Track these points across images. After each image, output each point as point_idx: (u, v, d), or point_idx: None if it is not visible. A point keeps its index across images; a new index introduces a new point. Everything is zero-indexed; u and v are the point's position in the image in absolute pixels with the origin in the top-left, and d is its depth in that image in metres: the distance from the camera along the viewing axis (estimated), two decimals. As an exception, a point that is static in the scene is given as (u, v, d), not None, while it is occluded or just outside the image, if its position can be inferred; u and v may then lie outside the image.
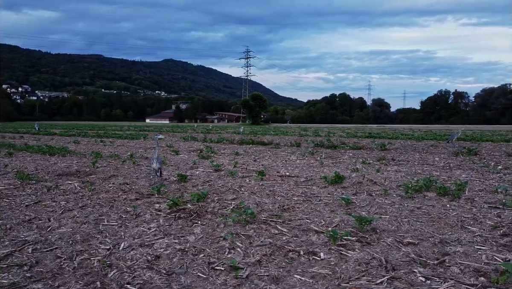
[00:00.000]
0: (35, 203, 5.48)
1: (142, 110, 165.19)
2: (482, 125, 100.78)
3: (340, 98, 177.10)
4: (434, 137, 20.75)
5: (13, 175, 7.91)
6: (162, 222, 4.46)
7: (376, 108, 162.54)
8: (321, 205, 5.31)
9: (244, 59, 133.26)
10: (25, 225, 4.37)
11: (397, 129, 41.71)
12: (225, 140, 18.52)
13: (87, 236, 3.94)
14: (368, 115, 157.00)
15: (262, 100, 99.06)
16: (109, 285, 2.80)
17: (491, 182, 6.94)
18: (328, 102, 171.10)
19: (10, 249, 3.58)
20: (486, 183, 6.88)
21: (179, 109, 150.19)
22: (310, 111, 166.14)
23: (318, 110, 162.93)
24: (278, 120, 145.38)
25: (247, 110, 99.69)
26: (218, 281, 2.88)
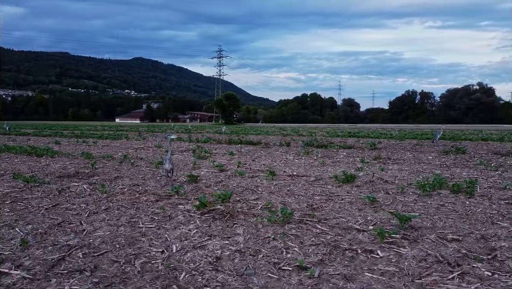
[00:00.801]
0: (53, 206, 5.30)
1: (112, 110, 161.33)
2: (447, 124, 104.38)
3: (311, 98, 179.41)
4: (415, 137, 21.38)
5: (10, 177, 7.62)
6: (200, 223, 4.42)
7: (346, 108, 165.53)
8: (346, 203, 5.39)
9: (217, 58, 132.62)
10: (58, 229, 4.23)
11: (371, 129, 42.61)
12: (212, 140, 18.41)
13: (132, 239, 3.86)
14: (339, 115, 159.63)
15: (235, 100, 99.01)
16: (189, 286, 2.76)
17: (494, 179, 7.24)
18: (300, 102, 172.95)
19: (57, 254, 3.46)
20: (490, 180, 7.18)
21: (150, 109, 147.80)
22: (282, 111, 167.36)
23: (290, 110, 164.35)
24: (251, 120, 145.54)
25: (220, 110, 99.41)
26: (292, 281, 2.89)
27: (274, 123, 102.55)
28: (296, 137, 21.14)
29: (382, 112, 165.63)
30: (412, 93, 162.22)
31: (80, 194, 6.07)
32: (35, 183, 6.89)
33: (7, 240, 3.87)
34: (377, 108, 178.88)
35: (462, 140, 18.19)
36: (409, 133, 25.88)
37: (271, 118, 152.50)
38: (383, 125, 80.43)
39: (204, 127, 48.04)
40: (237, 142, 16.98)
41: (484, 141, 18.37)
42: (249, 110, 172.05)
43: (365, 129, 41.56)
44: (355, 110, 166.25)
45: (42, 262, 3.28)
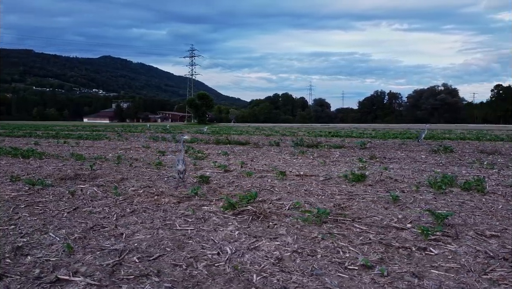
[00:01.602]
0: (73, 210, 5.13)
1: (79, 110, 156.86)
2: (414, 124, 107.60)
3: (283, 98, 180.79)
4: (396, 136, 21.96)
5: (7, 180, 7.31)
6: (238, 224, 4.39)
7: (317, 108, 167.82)
8: (369, 202, 5.49)
9: (189, 57, 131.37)
10: (94, 233, 4.10)
11: (344, 128, 43.32)
12: (199, 141, 18.25)
13: (179, 242, 3.79)
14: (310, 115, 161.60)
15: (208, 100, 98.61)
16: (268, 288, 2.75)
17: (496, 177, 7.55)
18: (271, 102, 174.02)
19: (110, 259, 3.36)
20: (492, 178, 7.48)
21: (120, 109, 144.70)
22: (254, 110, 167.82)
23: (262, 110, 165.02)
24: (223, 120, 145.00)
25: (193, 109, 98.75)
26: (365, 280, 2.93)
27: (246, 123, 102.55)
28: (280, 137, 21.25)
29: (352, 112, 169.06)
30: (381, 93, 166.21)
31: (95, 197, 5.90)
32: (40, 186, 6.63)
33: (46, 246, 3.72)
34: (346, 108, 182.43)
35: (442, 140, 18.82)
36: (387, 133, 26.52)
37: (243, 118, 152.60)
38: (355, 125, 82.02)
39: (180, 127, 47.51)
40: (225, 142, 16.91)
41: (463, 140, 19.09)
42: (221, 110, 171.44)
43: (338, 129, 42.21)
44: (325, 110, 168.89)
45: (99, 268, 3.18)
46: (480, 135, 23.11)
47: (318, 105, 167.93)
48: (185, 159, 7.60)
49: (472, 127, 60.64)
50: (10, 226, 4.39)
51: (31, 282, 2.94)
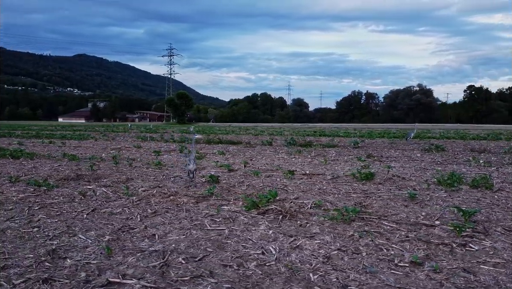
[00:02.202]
0: (92, 211, 5.00)
1: (53, 109, 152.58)
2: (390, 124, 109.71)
3: (261, 97, 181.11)
4: (382, 136, 22.32)
5: (7, 181, 7.06)
6: (269, 224, 4.36)
7: (296, 108, 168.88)
8: (388, 200, 5.55)
9: (167, 57, 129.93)
10: (126, 235, 4.00)
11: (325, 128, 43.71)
12: (189, 140, 18.07)
13: (218, 242, 3.74)
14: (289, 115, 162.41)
15: (188, 99, 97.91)
16: (331, 287, 2.74)
17: (497, 174, 7.76)
18: (250, 101, 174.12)
19: (154, 261, 3.28)
20: (494, 175, 7.68)
21: (96, 108, 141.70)
22: (233, 110, 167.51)
23: (241, 109, 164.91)
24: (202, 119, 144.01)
25: (172, 109, 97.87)
26: (421, 276, 2.96)
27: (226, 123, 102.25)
28: (270, 137, 21.28)
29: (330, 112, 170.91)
30: (358, 93, 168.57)
31: (108, 198, 5.76)
32: (45, 187, 6.43)
33: (81, 248, 3.61)
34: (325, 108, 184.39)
35: (429, 139, 19.24)
36: (371, 132, 26.93)
37: (222, 117, 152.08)
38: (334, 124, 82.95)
39: (164, 127, 46.95)
40: (217, 142, 16.81)
41: (448, 139, 19.57)
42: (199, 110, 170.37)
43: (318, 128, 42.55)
44: (304, 110, 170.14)
45: (147, 270, 3.10)
46: (462, 135, 23.75)
47: (297, 105, 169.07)
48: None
49: (449, 127, 62.31)
50: (33, 228, 4.23)
51: (81, 285, 2.84)
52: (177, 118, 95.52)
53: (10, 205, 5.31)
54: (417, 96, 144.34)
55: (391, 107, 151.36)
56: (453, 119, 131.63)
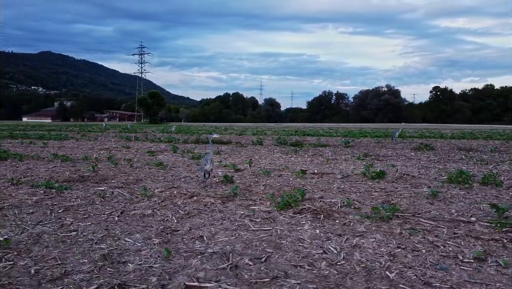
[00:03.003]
0: (121, 213, 4.84)
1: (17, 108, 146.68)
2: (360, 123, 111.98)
3: (233, 97, 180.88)
4: (364, 135, 22.75)
5: (7, 183, 6.75)
6: (312, 223, 4.35)
7: (268, 107, 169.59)
8: (410, 198, 5.66)
9: (138, 55, 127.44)
10: (172, 237, 3.90)
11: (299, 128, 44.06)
12: (177, 140, 17.81)
13: (272, 243, 3.70)
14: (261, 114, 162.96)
15: (160, 99, 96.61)
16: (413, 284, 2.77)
17: (497, 172, 8.06)
18: (222, 101, 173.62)
19: (221, 263, 3.21)
20: (494, 172, 7.97)
21: (63, 107, 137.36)
22: (204, 110, 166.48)
23: (213, 109, 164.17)
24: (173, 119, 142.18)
25: (144, 108, 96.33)
26: (491, 272, 3.03)
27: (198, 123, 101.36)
28: (256, 137, 21.27)
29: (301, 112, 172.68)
30: (329, 94, 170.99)
31: (129, 199, 5.59)
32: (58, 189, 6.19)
33: (134, 252, 3.48)
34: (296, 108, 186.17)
35: (411, 138, 19.78)
36: (350, 132, 27.39)
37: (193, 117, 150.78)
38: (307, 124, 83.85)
39: (140, 127, 46.00)
40: (206, 142, 16.63)
41: (427, 138, 20.17)
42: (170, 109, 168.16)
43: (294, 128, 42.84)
44: (276, 109, 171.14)
45: (219, 272, 3.03)
46: (439, 134, 24.52)
47: (269, 105, 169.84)
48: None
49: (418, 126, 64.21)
50: (70, 232, 4.05)
51: (160, 290, 2.74)
52: (149, 118, 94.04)
53: (28, 208, 5.07)
54: (386, 96, 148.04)
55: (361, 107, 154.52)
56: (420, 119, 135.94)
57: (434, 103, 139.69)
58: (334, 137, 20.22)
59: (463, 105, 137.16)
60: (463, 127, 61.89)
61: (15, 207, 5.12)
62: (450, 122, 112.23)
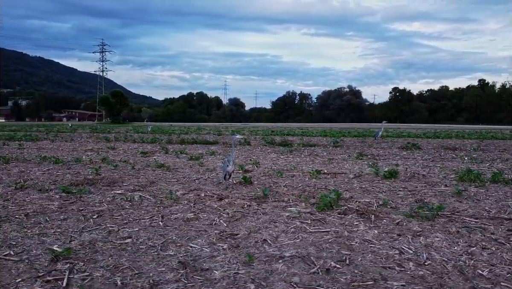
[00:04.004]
0: (162, 218, 4.65)
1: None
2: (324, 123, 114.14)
3: (197, 97, 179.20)
4: (343, 135, 23.18)
5: (9, 187, 6.35)
6: (366, 224, 4.36)
7: (233, 107, 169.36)
8: (436, 197, 5.80)
9: (99, 53, 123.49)
10: (235, 241, 3.79)
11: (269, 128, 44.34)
12: (159, 140, 17.40)
13: (343, 245, 3.68)
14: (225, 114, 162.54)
15: (123, 98, 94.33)
16: None
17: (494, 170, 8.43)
18: (186, 100, 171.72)
19: (308, 266, 3.16)
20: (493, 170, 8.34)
21: (18, 106, 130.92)
22: (168, 109, 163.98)
23: (177, 108, 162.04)
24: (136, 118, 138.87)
25: (107, 108, 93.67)
26: None
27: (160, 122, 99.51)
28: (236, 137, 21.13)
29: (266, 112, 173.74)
30: (292, 94, 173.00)
31: (158, 203, 5.39)
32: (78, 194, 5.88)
33: (209, 258, 3.35)
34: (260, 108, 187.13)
35: (391, 138, 20.36)
36: (323, 132, 27.83)
37: (156, 117, 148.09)
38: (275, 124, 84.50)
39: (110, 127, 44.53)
40: (191, 142, 16.37)
41: (404, 138, 20.84)
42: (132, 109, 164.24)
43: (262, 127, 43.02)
44: (241, 109, 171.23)
45: (313, 277, 2.97)
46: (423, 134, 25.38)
47: (234, 104, 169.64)
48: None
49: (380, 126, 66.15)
50: (124, 239, 3.85)
51: (267, 298, 2.65)
52: (112, 118, 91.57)
53: (56, 214, 4.78)
54: (347, 97, 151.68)
55: (324, 107, 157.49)
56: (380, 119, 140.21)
57: (393, 104, 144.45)
58: (316, 137, 20.47)
59: (421, 105, 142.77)
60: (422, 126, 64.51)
61: (41, 213, 4.81)
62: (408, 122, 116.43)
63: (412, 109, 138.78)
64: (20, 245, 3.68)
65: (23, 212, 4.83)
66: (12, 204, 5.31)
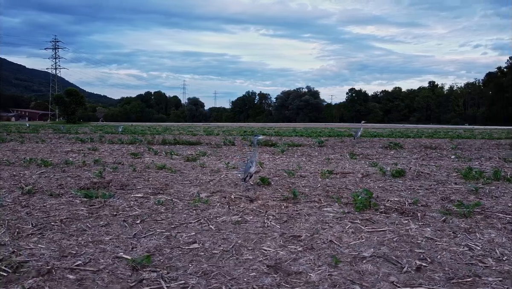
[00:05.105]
0: (208, 221, 4.56)
1: None
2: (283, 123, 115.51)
3: (155, 96, 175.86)
4: (320, 134, 23.58)
5: (11, 191, 5.99)
6: (413, 223, 4.49)
7: (192, 107, 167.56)
8: (457, 194, 6.07)
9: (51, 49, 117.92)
10: (308, 244, 3.79)
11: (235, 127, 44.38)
12: (139, 141, 16.91)
13: (412, 244, 3.77)
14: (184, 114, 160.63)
15: (78, 97, 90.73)
16: None
17: (485, 168, 8.93)
18: (143, 100, 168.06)
19: (397, 267, 3.22)
20: (482, 168, 8.83)
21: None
22: (125, 109, 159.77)
23: (134, 108, 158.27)
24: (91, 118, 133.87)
25: (61, 107, 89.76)
26: None
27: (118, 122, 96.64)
28: (216, 137, 20.98)
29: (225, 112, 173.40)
30: (252, 94, 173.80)
31: (191, 206, 5.27)
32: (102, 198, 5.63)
33: (292, 260, 3.33)
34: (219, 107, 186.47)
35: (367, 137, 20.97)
36: (293, 131, 28.22)
37: (112, 116, 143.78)
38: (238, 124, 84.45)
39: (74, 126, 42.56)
40: (174, 142, 16.04)
41: (375, 137, 21.55)
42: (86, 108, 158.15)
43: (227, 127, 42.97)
44: (200, 109, 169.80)
45: (407, 276, 3.03)
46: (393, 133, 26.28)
47: (193, 104, 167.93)
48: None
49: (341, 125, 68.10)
50: (188, 244, 3.74)
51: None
52: (67, 117, 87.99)
53: (92, 221, 4.55)
54: (306, 97, 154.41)
55: (283, 107, 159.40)
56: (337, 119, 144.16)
57: (350, 104, 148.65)
58: (295, 137, 20.68)
59: (376, 106, 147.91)
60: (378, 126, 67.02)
61: (75, 220, 4.57)
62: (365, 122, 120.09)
63: (368, 110, 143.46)
64: (82, 254, 3.48)
65: (55, 219, 4.56)
66: (35, 210, 5.00)
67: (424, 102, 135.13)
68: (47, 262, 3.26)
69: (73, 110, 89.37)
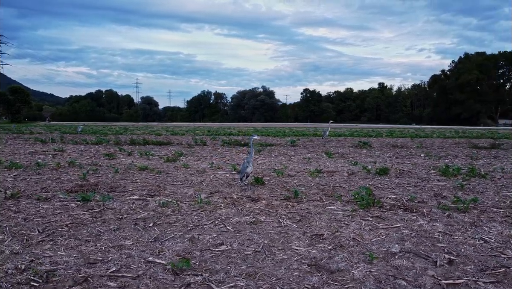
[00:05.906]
0: (221, 221, 4.51)
1: None
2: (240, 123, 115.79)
3: (106, 95, 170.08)
4: (285, 134, 23.83)
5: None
6: (422, 218, 4.68)
7: (145, 106, 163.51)
8: (443, 191, 6.39)
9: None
10: (337, 241, 3.85)
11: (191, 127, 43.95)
12: (105, 141, 16.27)
13: (432, 239, 3.93)
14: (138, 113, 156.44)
15: (24, 95, 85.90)
16: None
17: (454, 166, 9.46)
18: (94, 98, 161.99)
19: (426, 262, 3.35)
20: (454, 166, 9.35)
21: None
22: (74, 108, 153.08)
23: (83, 107, 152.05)
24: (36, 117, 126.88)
25: (5, 106, 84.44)
26: None
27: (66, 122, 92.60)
28: (178, 137, 20.62)
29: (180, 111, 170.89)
30: (207, 93, 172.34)
31: (197, 207, 5.18)
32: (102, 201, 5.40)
33: (326, 259, 3.37)
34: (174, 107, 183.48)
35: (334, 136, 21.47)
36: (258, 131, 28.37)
37: (60, 116, 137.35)
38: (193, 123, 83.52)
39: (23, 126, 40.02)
40: (143, 143, 15.59)
41: (340, 136, 22.15)
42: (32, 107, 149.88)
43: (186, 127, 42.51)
44: (154, 108, 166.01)
45: (443, 270, 3.17)
46: (355, 132, 27.02)
47: (146, 103, 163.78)
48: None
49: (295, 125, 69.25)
50: (217, 246, 3.68)
51: (430, 292, 2.78)
52: (11, 117, 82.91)
53: (100, 224, 4.36)
54: (262, 97, 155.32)
55: (239, 107, 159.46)
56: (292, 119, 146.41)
57: (304, 104, 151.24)
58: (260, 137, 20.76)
59: (329, 106, 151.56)
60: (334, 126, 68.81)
61: (81, 225, 4.36)
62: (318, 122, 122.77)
63: (321, 110, 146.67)
64: (109, 260, 3.33)
65: (61, 224, 4.33)
66: (30, 215, 4.71)
67: (375, 103, 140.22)
68: (77, 270, 3.09)
69: (18, 109, 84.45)
